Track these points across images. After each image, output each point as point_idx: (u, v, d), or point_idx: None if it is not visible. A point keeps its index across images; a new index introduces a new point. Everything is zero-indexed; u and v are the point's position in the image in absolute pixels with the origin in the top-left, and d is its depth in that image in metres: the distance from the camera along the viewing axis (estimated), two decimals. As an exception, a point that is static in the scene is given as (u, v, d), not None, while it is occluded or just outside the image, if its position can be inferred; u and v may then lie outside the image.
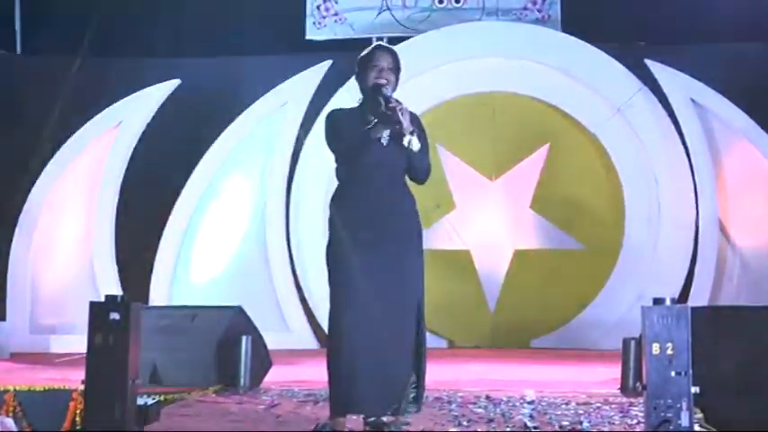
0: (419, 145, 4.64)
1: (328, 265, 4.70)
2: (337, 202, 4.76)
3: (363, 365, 4.51)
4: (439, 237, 10.32)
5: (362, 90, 4.78)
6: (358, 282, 4.57)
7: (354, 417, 4.70)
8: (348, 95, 5.13)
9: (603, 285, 10.09)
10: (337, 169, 4.78)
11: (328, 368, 4.62)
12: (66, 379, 6.49)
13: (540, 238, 10.38)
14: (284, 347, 8.80)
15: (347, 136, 4.67)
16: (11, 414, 5.89)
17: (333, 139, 4.73)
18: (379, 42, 4.85)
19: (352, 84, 4.96)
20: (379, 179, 4.68)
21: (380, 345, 4.53)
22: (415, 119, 4.70)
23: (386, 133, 4.67)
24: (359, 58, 4.81)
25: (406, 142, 4.60)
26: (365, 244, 4.60)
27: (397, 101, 4.62)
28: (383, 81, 4.68)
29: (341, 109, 4.90)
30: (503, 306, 10.31)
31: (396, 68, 4.75)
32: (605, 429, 4.86)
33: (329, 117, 4.80)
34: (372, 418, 4.59)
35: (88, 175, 10.31)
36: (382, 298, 4.56)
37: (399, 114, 4.57)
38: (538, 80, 10.25)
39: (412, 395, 4.62)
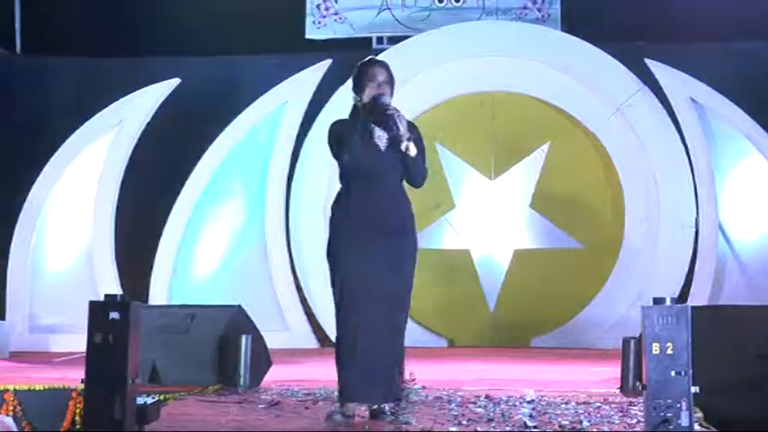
0: (416, 150, 4.97)
1: (329, 263, 5.02)
2: (338, 204, 5.07)
3: (364, 359, 4.84)
4: (438, 236, 10.32)
5: (358, 102, 5.04)
6: (357, 279, 4.89)
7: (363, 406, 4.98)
8: (349, 94, 5.22)
9: (603, 285, 10.09)
10: (341, 174, 5.07)
11: (336, 360, 4.96)
12: (65, 378, 6.48)
13: (540, 238, 10.38)
14: (284, 347, 8.80)
15: (349, 143, 4.95)
16: (10, 413, 5.88)
17: (337, 148, 5.03)
18: (371, 57, 5.14)
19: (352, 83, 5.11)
20: (377, 183, 4.99)
21: (379, 339, 4.86)
22: (413, 127, 5.04)
23: (384, 138, 4.97)
24: (355, 72, 5.08)
25: (403, 147, 4.94)
26: (363, 242, 4.92)
27: (395, 108, 4.95)
28: (383, 93, 4.99)
29: (340, 120, 5.16)
30: (502, 305, 10.30)
31: (391, 81, 5.07)
32: (605, 429, 4.87)
33: (331, 128, 5.10)
34: (375, 406, 4.92)
35: (88, 174, 10.29)
36: (380, 294, 4.87)
37: (397, 120, 4.90)
38: (538, 79, 10.24)
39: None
